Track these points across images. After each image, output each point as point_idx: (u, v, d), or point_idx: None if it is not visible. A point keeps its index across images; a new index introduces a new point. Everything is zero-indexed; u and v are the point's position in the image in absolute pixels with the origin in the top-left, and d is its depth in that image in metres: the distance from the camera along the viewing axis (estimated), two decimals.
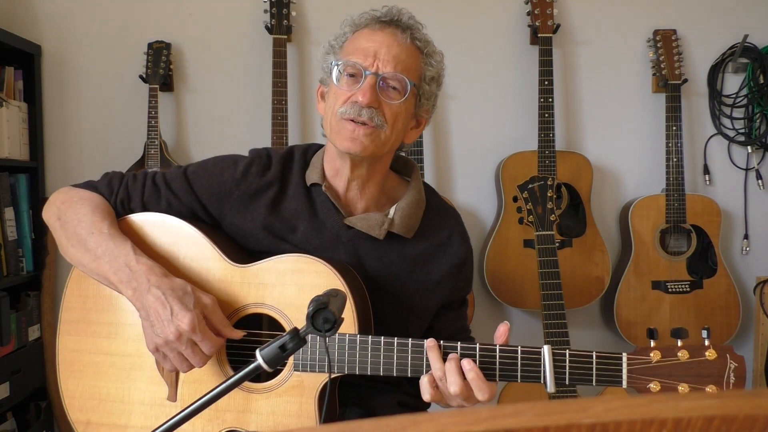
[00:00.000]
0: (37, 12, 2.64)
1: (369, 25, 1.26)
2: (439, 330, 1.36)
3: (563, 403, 0.38)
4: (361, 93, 1.20)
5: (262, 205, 1.30)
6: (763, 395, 0.38)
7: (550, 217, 2.00)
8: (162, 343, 1.14)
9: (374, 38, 1.24)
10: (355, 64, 1.22)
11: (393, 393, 1.34)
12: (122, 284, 1.18)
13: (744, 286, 2.69)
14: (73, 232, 1.24)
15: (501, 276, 2.53)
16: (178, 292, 1.15)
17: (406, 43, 1.25)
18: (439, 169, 2.70)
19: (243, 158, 1.34)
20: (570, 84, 2.72)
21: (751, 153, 2.73)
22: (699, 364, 1.03)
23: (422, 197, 1.34)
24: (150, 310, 1.14)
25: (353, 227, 1.28)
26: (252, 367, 0.97)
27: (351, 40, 1.27)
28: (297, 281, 1.21)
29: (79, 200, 1.27)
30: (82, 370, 1.28)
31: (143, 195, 1.30)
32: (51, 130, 2.65)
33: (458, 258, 1.34)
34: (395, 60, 1.22)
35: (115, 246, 1.20)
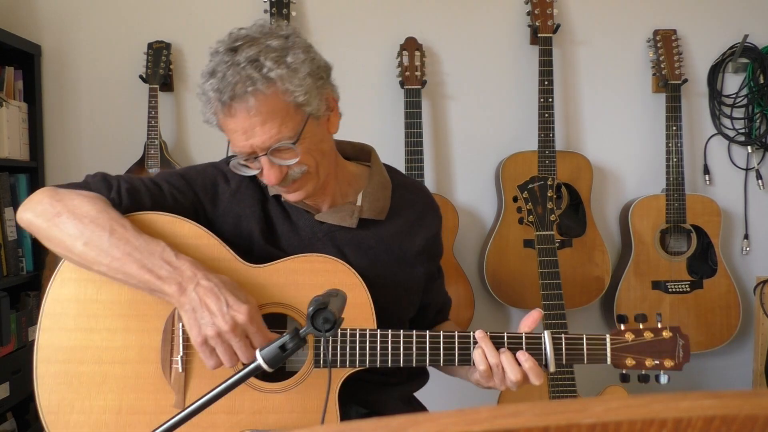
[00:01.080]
0: (37, 12, 2.64)
1: (221, 111, 1.18)
2: (433, 303, 1.45)
3: (563, 403, 0.38)
4: (266, 178, 1.21)
5: (253, 204, 1.32)
6: (763, 395, 0.38)
7: (550, 217, 2.00)
8: (213, 334, 1.09)
9: (234, 125, 1.18)
10: (241, 155, 1.21)
11: (393, 387, 1.36)
12: (163, 281, 1.12)
13: (744, 286, 2.69)
14: (85, 228, 1.14)
15: (501, 276, 2.53)
16: (229, 285, 1.13)
17: (258, 107, 1.15)
18: (439, 169, 2.70)
19: (225, 162, 1.34)
20: (570, 84, 2.72)
21: (751, 153, 2.73)
22: (659, 343, 1.25)
23: (386, 178, 1.38)
24: (199, 303, 1.10)
25: (325, 222, 1.32)
26: (252, 367, 0.98)
27: (220, 123, 1.22)
28: (315, 281, 1.23)
29: (80, 196, 1.18)
30: (68, 382, 1.20)
31: (148, 188, 1.26)
32: (51, 130, 2.65)
33: (433, 230, 1.41)
34: (264, 133, 1.17)
35: (146, 242, 1.14)
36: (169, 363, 1.22)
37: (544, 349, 1.22)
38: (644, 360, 1.25)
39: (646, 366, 1.25)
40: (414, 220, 1.38)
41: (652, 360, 1.25)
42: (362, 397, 1.32)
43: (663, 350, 1.25)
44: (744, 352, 2.71)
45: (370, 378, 1.31)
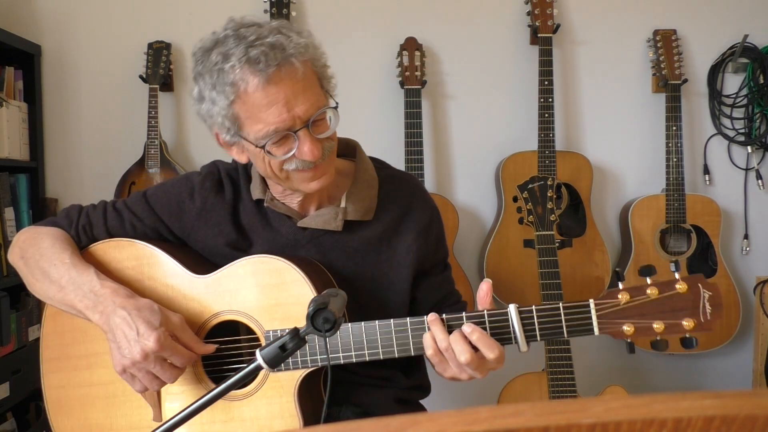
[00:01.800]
0: (37, 12, 2.64)
1: (254, 82, 1.08)
2: (423, 299, 1.33)
3: (563, 403, 0.38)
4: (309, 154, 1.12)
5: (221, 221, 1.29)
6: (763, 395, 0.38)
7: (550, 217, 2.00)
8: (129, 364, 1.13)
9: (275, 93, 1.09)
10: (277, 131, 1.11)
11: (388, 389, 1.33)
12: (89, 310, 1.17)
13: (744, 286, 2.69)
14: (36, 266, 1.24)
15: (501, 276, 2.53)
16: (145, 312, 1.14)
17: (301, 72, 1.10)
18: (439, 169, 2.70)
19: (197, 175, 1.33)
20: (570, 84, 2.72)
21: (751, 153, 2.73)
22: (671, 299, 0.99)
23: (372, 175, 1.31)
24: (116, 332, 1.13)
25: (308, 227, 1.27)
26: (252, 367, 0.98)
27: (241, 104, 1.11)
28: (258, 282, 1.21)
29: (39, 235, 1.27)
30: (70, 405, 1.28)
31: (106, 221, 1.31)
32: (51, 130, 2.65)
33: (422, 222, 1.30)
34: (307, 100, 1.11)
35: (78, 274, 1.19)
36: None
37: (512, 326, 1.06)
38: (650, 324, 0.99)
39: (655, 331, 1.00)
40: (402, 215, 1.30)
41: (662, 322, 0.99)
42: (355, 398, 1.30)
43: (678, 308, 0.99)
44: (744, 352, 2.71)
45: (361, 379, 1.29)
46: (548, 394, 2.16)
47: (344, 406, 1.30)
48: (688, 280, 0.99)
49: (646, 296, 0.99)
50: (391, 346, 1.12)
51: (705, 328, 0.99)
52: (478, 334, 1.06)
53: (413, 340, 1.11)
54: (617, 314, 1.01)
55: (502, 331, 1.07)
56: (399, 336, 1.12)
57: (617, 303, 1.00)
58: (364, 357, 1.14)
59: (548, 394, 2.16)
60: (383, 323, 1.13)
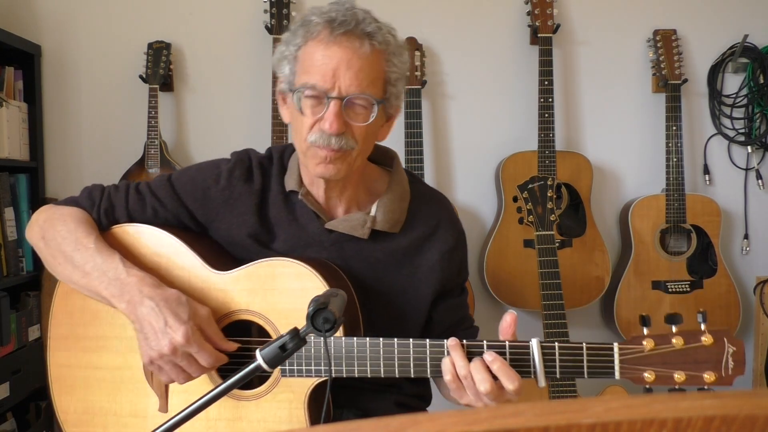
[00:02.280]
0: (37, 12, 2.64)
1: (323, 36, 1.14)
2: (439, 321, 1.32)
3: (563, 403, 0.38)
4: (327, 122, 1.13)
5: (247, 211, 1.27)
6: (763, 395, 0.38)
7: (550, 217, 2.01)
8: (157, 356, 1.11)
9: (331, 54, 1.13)
10: (314, 87, 1.14)
11: (390, 394, 1.32)
12: (115, 298, 1.15)
13: (744, 286, 2.69)
14: (58, 249, 1.21)
15: (501, 276, 2.53)
16: (172, 303, 1.12)
17: (366, 52, 1.14)
18: (439, 169, 2.70)
19: (226, 162, 1.31)
20: (570, 84, 2.72)
21: (751, 153, 2.73)
22: (695, 351, 0.98)
23: (405, 188, 1.30)
24: (144, 323, 1.11)
25: (335, 230, 1.26)
26: (252, 367, 0.97)
27: (306, 50, 1.17)
28: (279, 286, 1.19)
29: (60, 217, 1.24)
30: (73, 385, 1.27)
31: (128, 203, 1.27)
32: (51, 130, 2.65)
33: (447, 244, 1.29)
34: (357, 77, 1.13)
35: (103, 260, 1.17)
36: (149, 370, 1.23)
37: (533, 361, 1.05)
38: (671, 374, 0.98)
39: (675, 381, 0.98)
40: (428, 235, 1.29)
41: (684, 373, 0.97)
42: (358, 403, 1.29)
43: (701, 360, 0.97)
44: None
45: (365, 385, 1.27)
46: (548, 394, 2.16)
47: (346, 409, 1.29)
48: (714, 334, 0.98)
49: (671, 345, 0.99)
50: (408, 365, 1.11)
51: (725, 383, 0.97)
52: (499, 363, 1.04)
53: (431, 362, 1.10)
54: (640, 360, 1.00)
55: (522, 364, 1.06)
56: (417, 357, 1.10)
57: (642, 350, 1.00)
58: (379, 373, 1.12)
59: (548, 394, 2.16)
60: (402, 342, 1.11)
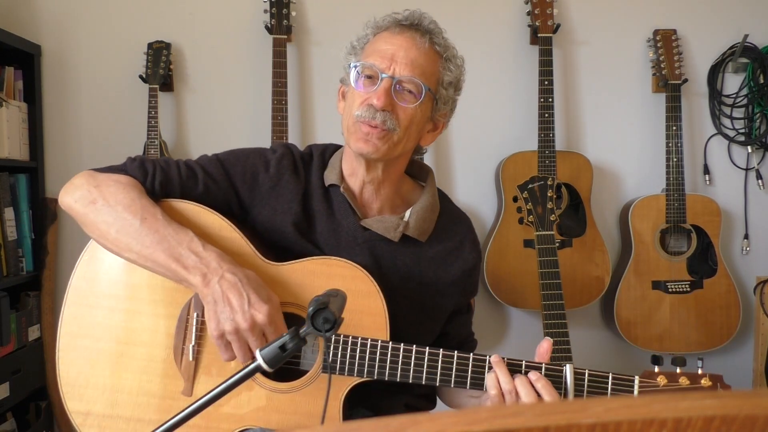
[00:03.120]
0: (37, 12, 2.64)
1: (389, 29, 1.27)
2: (454, 335, 1.40)
3: (563, 403, 0.38)
4: (376, 96, 1.21)
5: (293, 199, 1.30)
6: (763, 395, 0.38)
7: (550, 217, 2.00)
8: (231, 329, 1.11)
9: (393, 41, 1.25)
10: (372, 66, 1.24)
11: (401, 395, 1.34)
12: (188, 270, 1.13)
13: (744, 286, 2.69)
14: (118, 217, 1.17)
15: (501, 276, 2.53)
16: (253, 282, 1.13)
17: (425, 47, 1.26)
18: (439, 169, 2.70)
19: (272, 152, 1.35)
20: (570, 84, 2.72)
21: (751, 153, 2.73)
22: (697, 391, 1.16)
23: (436, 202, 1.37)
24: (222, 296, 1.11)
25: (369, 229, 1.30)
26: (252, 367, 0.97)
27: (372, 42, 1.29)
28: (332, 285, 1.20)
29: (117, 183, 1.21)
30: (87, 357, 1.23)
31: (181, 178, 1.27)
32: (51, 130, 2.65)
33: (469, 264, 1.37)
34: (412, 64, 1.24)
35: (175, 231, 1.16)
36: (180, 350, 1.23)
37: (565, 384, 1.16)
38: None
39: None
40: (452, 250, 1.36)
41: None
42: (369, 402, 1.31)
43: None
44: (744, 352, 2.71)
45: (376, 384, 1.28)
46: None
47: (356, 408, 1.31)
48: (711, 378, 1.17)
49: (679, 384, 1.17)
50: (449, 376, 1.18)
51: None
52: (543, 382, 1.14)
53: (472, 375, 1.18)
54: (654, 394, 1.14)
55: (555, 385, 1.17)
56: (459, 369, 1.18)
57: (657, 384, 1.17)
58: (421, 380, 1.19)
59: None
60: (447, 353, 1.18)
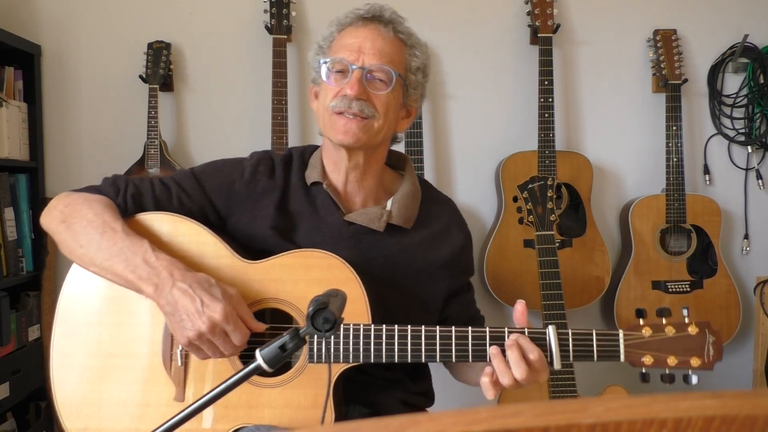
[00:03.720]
0: (37, 12, 2.64)
1: (353, 23, 1.31)
2: (455, 318, 1.40)
3: (563, 403, 0.38)
4: (348, 86, 1.25)
5: (269, 205, 1.32)
6: (763, 395, 0.38)
7: (550, 217, 2.00)
8: (195, 336, 1.13)
9: (358, 34, 1.29)
10: (341, 60, 1.27)
11: (396, 390, 1.35)
12: (142, 281, 1.16)
13: (744, 286, 2.69)
14: (82, 232, 1.22)
15: (501, 276, 2.53)
16: (204, 284, 1.15)
17: (390, 36, 1.29)
18: (439, 169, 2.70)
19: (248, 159, 1.37)
20: (570, 84, 2.72)
21: (751, 153, 2.73)
22: (684, 339, 1.15)
23: (417, 188, 1.39)
24: (177, 305, 1.13)
25: (354, 223, 1.32)
26: (252, 367, 0.97)
27: (337, 38, 1.32)
28: (310, 276, 1.23)
29: (85, 201, 1.26)
30: (80, 374, 1.25)
31: (154, 192, 1.31)
32: (51, 130, 2.65)
33: (457, 245, 1.39)
34: (380, 53, 1.27)
35: (131, 243, 1.19)
36: (169, 356, 1.24)
37: (549, 346, 1.16)
38: (665, 358, 1.15)
39: (668, 364, 1.15)
40: (439, 233, 1.37)
41: (675, 358, 1.15)
42: (364, 397, 1.31)
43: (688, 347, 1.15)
44: (744, 352, 2.71)
45: (372, 380, 1.31)
46: (548, 394, 2.16)
47: (352, 405, 1.31)
48: (699, 325, 1.16)
49: (665, 334, 1.16)
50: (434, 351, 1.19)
51: (707, 367, 1.15)
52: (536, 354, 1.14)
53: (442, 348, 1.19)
54: (641, 345, 1.16)
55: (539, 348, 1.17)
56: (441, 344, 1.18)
57: (642, 336, 1.17)
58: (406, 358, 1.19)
59: (548, 394, 2.16)
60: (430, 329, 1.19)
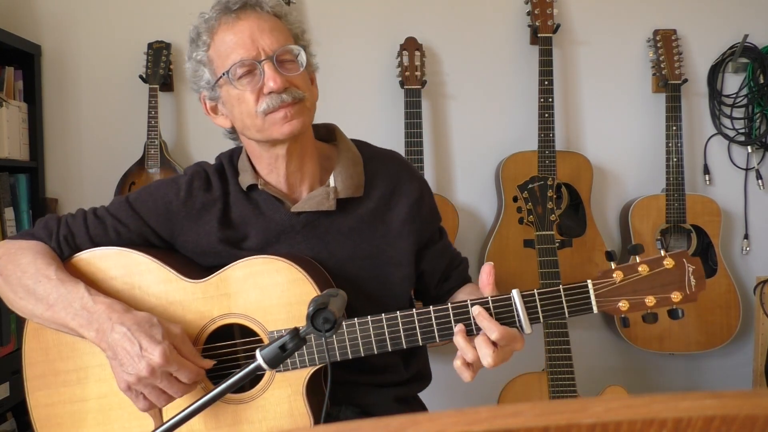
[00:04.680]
0: (37, 12, 2.64)
1: (223, 19, 1.20)
2: (431, 270, 1.36)
3: (563, 403, 0.38)
4: (271, 80, 1.16)
5: (212, 219, 1.28)
6: (763, 395, 0.38)
7: (550, 217, 2.00)
8: (135, 381, 1.10)
9: (240, 27, 1.19)
10: (243, 62, 1.18)
11: (388, 388, 1.33)
12: (83, 328, 1.13)
13: (744, 286, 2.69)
14: (18, 284, 1.18)
15: (501, 276, 2.52)
16: (144, 325, 1.11)
17: (269, 15, 1.21)
18: (439, 169, 2.70)
19: (182, 177, 1.32)
20: (570, 84, 2.72)
21: (751, 153, 2.73)
22: (660, 275, 1.07)
23: (355, 153, 1.33)
24: (117, 349, 1.10)
25: (303, 212, 1.27)
26: (252, 367, 0.97)
27: (216, 44, 1.21)
28: (258, 284, 1.19)
29: (18, 250, 1.22)
30: (60, 423, 1.23)
31: (88, 229, 1.26)
32: (51, 130, 2.65)
33: (413, 196, 1.32)
34: (273, 36, 1.19)
35: (67, 290, 1.15)
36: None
37: (516, 311, 1.09)
38: (643, 299, 1.07)
39: (647, 305, 1.07)
40: (392, 190, 1.32)
41: (653, 297, 1.07)
42: (357, 400, 1.30)
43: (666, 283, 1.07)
44: (744, 352, 2.71)
45: (364, 380, 1.29)
46: (548, 394, 2.16)
47: (344, 406, 1.30)
48: (674, 257, 1.07)
49: (638, 273, 1.07)
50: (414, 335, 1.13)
51: (691, 299, 1.07)
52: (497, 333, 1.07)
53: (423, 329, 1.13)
54: (613, 292, 1.08)
55: (507, 315, 1.10)
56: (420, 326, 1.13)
57: (613, 282, 1.08)
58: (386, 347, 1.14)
59: (548, 394, 2.16)
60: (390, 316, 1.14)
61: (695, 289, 1.06)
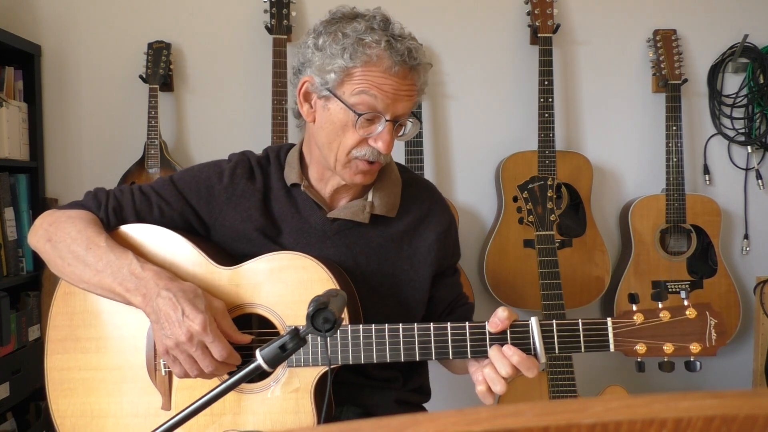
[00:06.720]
0: (37, 12, 2.64)
1: (385, 63, 1.17)
2: (440, 299, 1.39)
3: (563, 403, 0.38)
4: (382, 143, 1.20)
5: (251, 207, 1.31)
6: (763, 395, 0.38)
7: (550, 217, 2.00)
8: (173, 345, 1.13)
9: (392, 82, 1.18)
10: (376, 110, 1.19)
11: (390, 390, 1.34)
12: (130, 293, 1.17)
13: (744, 286, 2.69)
14: (68, 250, 1.22)
15: (501, 276, 2.53)
16: (189, 294, 1.15)
17: (417, 80, 1.22)
18: (439, 169, 2.70)
19: (227, 162, 1.36)
20: (570, 84, 2.72)
21: (751, 153, 2.73)
22: (681, 323, 1.06)
23: (397, 176, 1.38)
24: (160, 313, 1.13)
25: (337, 218, 1.31)
26: (252, 367, 0.97)
27: (363, 70, 1.18)
28: (284, 279, 1.22)
29: (68, 219, 1.26)
30: (72, 389, 1.27)
31: (134, 203, 1.30)
32: (51, 130, 2.65)
33: (442, 226, 1.37)
34: (408, 103, 1.22)
35: (116, 257, 1.19)
36: (153, 366, 1.25)
37: (532, 339, 1.10)
38: (661, 345, 1.06)
39: (665, 352, 1.07)
40: (423, 217, 1.36)
41: (672, 345, 1.06)
42: (360, 400, 1.31)
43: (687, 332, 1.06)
44: (744, 352, 2.71)
45: (366, 382, 1.30)
46: (548, 394, 2.16)
47: (346, 406, 1.31)
48: (697, 308, 1.07)
49: (659, 319, 1.07)
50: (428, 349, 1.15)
51: (709, 353, 1.06)
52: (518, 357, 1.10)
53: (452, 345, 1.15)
54: (632, 333, 1.08)
55: (523, 342, 1.12)
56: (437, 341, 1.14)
57: (632, 323, 1.08)
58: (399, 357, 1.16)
59: (548, 394, 2.16)
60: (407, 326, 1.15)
61: (715, 343, 1.05)
